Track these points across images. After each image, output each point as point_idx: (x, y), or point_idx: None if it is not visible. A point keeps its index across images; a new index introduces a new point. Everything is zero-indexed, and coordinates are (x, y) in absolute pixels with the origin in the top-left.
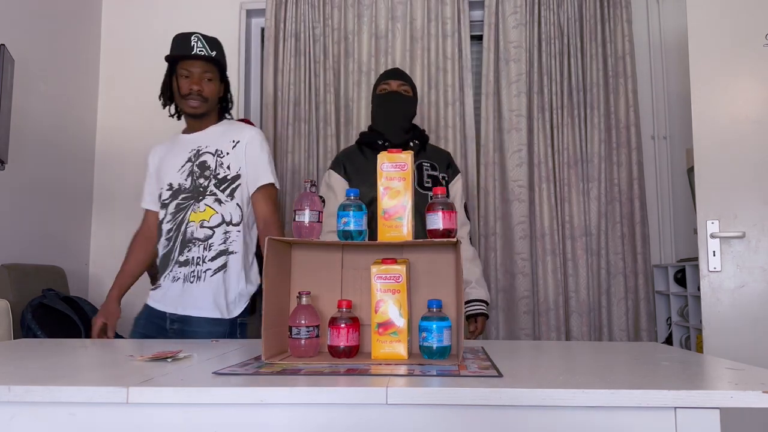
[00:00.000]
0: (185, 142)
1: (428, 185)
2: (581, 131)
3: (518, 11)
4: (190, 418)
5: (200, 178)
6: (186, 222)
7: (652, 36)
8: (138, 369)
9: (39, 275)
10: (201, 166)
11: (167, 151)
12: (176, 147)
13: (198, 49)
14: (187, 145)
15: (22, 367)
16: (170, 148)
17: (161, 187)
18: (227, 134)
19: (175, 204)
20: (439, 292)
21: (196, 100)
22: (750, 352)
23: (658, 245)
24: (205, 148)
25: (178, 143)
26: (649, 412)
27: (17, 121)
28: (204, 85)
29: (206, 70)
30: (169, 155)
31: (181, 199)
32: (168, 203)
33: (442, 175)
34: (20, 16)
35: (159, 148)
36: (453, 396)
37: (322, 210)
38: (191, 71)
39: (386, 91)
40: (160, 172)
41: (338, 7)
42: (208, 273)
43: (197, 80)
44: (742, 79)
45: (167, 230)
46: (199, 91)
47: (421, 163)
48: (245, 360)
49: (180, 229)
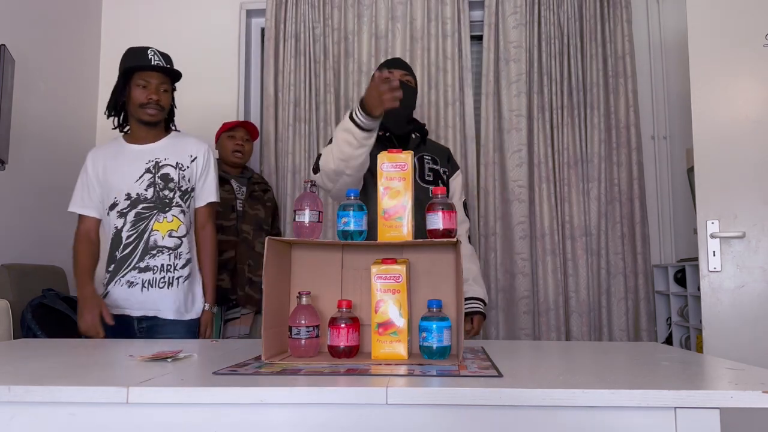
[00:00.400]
0: (137, 153)
1: (429, 179)
2: (581, 131)
3: (518, 11)
4: (190, 418)
5: (165, 189)
6: (149, 231)
7: (652, 36)
8: (138, 369)
9: (39, 275)
10: (164, 178)
11: (112, 159)
12: (125, 156)
13: (156, 61)
14: (141, 156)
15: (22, 367)
16: (115, 155)
17: (114, 196)
18: (182, 147)
19: (134, 213)
20: (439, 292)
21: (154, 109)
22: (750, 352)
23: (658, 245)
24: (165, 160)
25: (128, 152)
26: (649, 412)
27: (17, 121)
28: (161, 95)
29: (162, 81)
30: (117, 163)
31: (141, 209)
32: (126, 212)
33: (443, 170)
34: (20, 16)
35: (99, 153)
36: (453, 396)
37: (322, 210)
38: (149, 81)
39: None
40: (107, 180)
41: (338, 7)
42: (181, 279)
43: (155, 90)
44: (742, 79)
45: (127, 237)
46: (157, 101)
47: (422, 156)
48: (245, 360)
49: (142, 237)
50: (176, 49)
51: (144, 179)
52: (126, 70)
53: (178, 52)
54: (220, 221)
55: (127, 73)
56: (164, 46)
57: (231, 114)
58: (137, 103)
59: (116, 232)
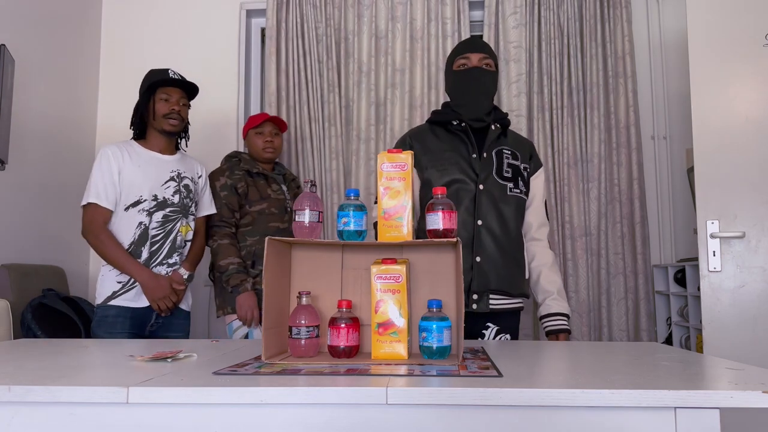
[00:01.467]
0: (160, 160)
1: (508, 175)
2: (581, 131)
3: (518, 11)
4: (190, 418)
5: (186, 198)
6: (176, 231)
7: (652, 36)
8: (138, 369)
9: (39, 275)
10: (186, 189)
11: (133, 160)
12: (147, 160)
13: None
14: (164, 164)
15: (22, 367)
16: (137, 157)
17: (139, 194)
18: (191, 165)
19: (162, 214)
20: (439, 292)
21: (176, 119)
22: (750, 352)
23: (658, 245)
24: (184, 173)
25: (150, 157)
26: (649, 412)
27: (17, 121)
28: (181, 107)
29: (182, 96)
30: (140, 165)
31: (168, 212)
32: (153, 212)
33: (524, 166)
34: (20, 16)
35: (117, 153)
36: (453, 396)
37: (322, 210)
38: (171, 95)
39: (466, 66)
40: (129, 179)
41: (338, 7)
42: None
43: (176, 102)
44: (742, 79)
45: (153, 235)
46: (178, 111)
47: (501, 150)
48: (245, 360)
49: (169, 236)
50: (176, 49)
51: (170, 185)
52: (150, 85)
53: (178, 52)
54: (276, 223)
55: (150, 89)
56: (164, 46)
57: (231, 114)
58: (161, 114)
59: (144, 229)
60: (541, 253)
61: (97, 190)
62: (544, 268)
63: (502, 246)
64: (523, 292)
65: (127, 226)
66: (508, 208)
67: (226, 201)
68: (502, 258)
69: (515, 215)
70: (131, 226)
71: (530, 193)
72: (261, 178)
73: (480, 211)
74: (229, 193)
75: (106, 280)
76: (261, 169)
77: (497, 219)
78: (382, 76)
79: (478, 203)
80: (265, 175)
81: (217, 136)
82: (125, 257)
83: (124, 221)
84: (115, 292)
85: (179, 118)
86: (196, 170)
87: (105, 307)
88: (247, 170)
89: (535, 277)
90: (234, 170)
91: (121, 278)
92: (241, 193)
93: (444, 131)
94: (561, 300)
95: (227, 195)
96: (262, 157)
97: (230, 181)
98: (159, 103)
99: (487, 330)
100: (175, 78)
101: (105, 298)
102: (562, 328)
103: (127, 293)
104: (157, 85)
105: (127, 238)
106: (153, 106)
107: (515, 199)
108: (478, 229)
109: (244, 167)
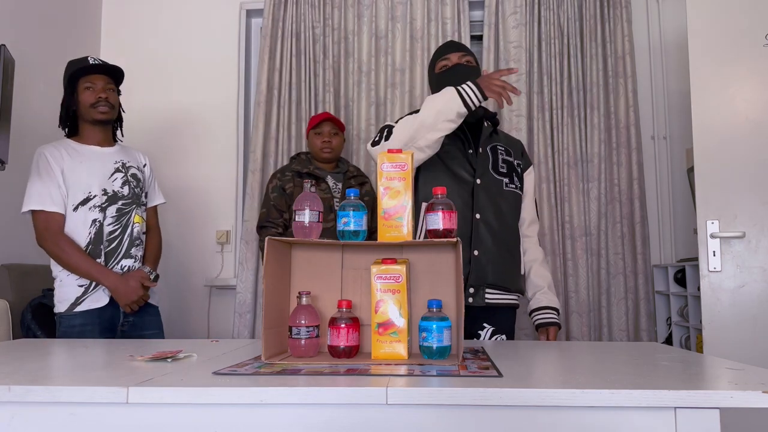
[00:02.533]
0: (101, 153)
1: (503, 171)
2: (581, 131)
3: (518, 11)
4: (190, 418)
5: (137, 188)
6: (132, 224)
7: (652, 36)
8: (138, 369)
9: (39, 275)
10: (134, 178)
11: (73, 157)
12: (88, 155)
13: (95, 62)
14: (105, 157)
15: (22, 367)
16: (76, 154)
17: (87, 192)
18: (133, 155)
19: (115, 208)
20: (439, 292)
21: (105, 106)
22: (750, 352)
23: (658, 245)
24: (129, 162)
25: (89, 152)
26: (649, 412)
27: (17, 121)
28: (108, 93)
29: (107, 82)
30: (81, 161)
31: (121, 204)
32: (106, 207)
33: (517, 162)
34: (20, 16)
35: (54, 152)
36: (453, 396)
37: (322, 210)
38: (94, 83)
39: (447, 67)
40: (73, 177)
41: (338, 7)
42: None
43: (101, 89)
44: (742, 79)
45: (110, 231)
46: (106, 98)
47: (496, 146)
48: (245, 360)
49: (126, 230)
50: (176, 49)
51: (117, 178)
52: (70, 77)
53: (178, 51)
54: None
55: (71, 81)
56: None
57: (230, 113)
58: (87, 104)
59: (99, 227)
60: (532, 249)
61: (40, 195)
62: (534, 264)
63: (500, 240)
64: (519, 288)
65: (79, 227)
66: (506, 202)
67: (274, 202)
68: (500, 252)
69: (512, 210)
70: (84, 225)
71: (523, 189)
72: (309, 178)
73: (478, 205)
74: (278, 194)
75: (65, 285)
76: (312, 169)
77: (495, 213)
78: (382, 76)
79: (476, 197)
80: (314, 176)
81: (216, 136)
82: (89, 263)
83: (75, 221)
84: (79, 298)
85: (108, 104)
86: (140, 159)
87: (70, 316)
88: (297, 171)
89: (526, 272)
90: (285, 171)
91: (82, 281)
92: (289, 193)
93: None
94: (551, 294)
95: (276, 196)
96: (321, 157)
97: (280, 182)
98: (83, 93)
99: (483, 331)
100: (96, 63)
101: (69, 306)
102: (551, 321)
103: (92, 295)
104: (79, 75)
105: (82, 238)
106: (77, 98)
107: (512, 194)
108: (476, 223)
109: (295, 167)
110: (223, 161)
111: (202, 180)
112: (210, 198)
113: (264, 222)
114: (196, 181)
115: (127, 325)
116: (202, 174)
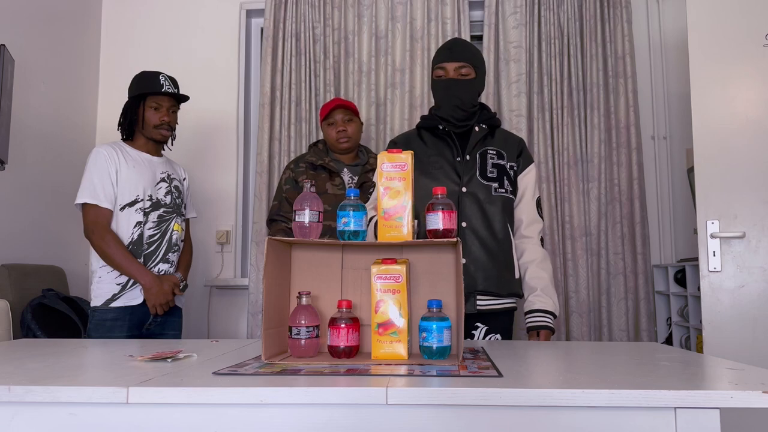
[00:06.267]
0: (151, 162)
1: (492, 175)
2: (581, 131)
3: (518, 11)
4: (190, 418)
5: (177, 198)
6: (171, 230)
7: (652, 36)
8: (138, 369)
9: (39, 275)
10: (177, 190)
11: (127, 160)
12: (140, 161)
13: (167, 87)
14: (155, 166)
15: (22, 367)
16: (129, 158)
17: (136, 194)
18: (176, 169)
19: (157, 214)
20: (439, 292)
21: (167, 130)
22: (750, 352)
23: (658, 245)
24: (173, 174)
25: (142, 159)
26: (649, 412)
27: (17, 121)
28: (171, 116)
29: (172, 104)
30: (134, 165)
31: (163, 212)
32: (149, 212)
33: (510, 165)
34: (20, 16)
35: (111, 152)
36: (453, 396)
37: (322, 210)
38: (161, 104)
39: (442, 78)
40: (126, 178)
41: (338, 7)
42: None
43: (166, 112)
44: (742, 79)
45: (149, 234)
46: (169, 122)
47: (486, 151)
48: (245, 360)
49: (165, 236)
50: (176, 49)
51: (162, 187)
52: (141, 93)
53: (178, 51)
54: (328, 222)
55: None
56: (164, 46)
57: (230, 114)
58: (152, 124)
59: (141, 229)
60: (529, 251)
61: (95, 190)
62: (531, 265)
63: (488, 247)
64: (514, 292)
65: (124, 226)
66: (494, 208)
67: (287, 195)
68: (489, 259)
69: (501, 215)
70: (128, 225)
71: (519, 190)
72: (323, 171)
73: (464, 213)
74: (291, 186)
75: (104, 282)
76: (328, 161)
77: (482, 220)
78: (382, 76)
79: (462, 206)
80: (328, 169)
81: (216, 136)
82: (130, 260)
83: (121, 221)
84: (115, 295)
85: (169, 128)
86: (181, 173)
87: (104, 310)
88: (311, 162)
89: (522, 274)
90: (299, 162)
91: (120, 279)
92: (301, 186)
93: (431, 136)
94: (544, 297)
95: (289, 189)
96: (338, 148)
97: (293, 174)
98: (149, 111)
99: (476, 330)
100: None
101: (104, 301)
102: (541, 325)
103: (127, 293)
104: (149, 94)
105: (125, 238)
106: (143, 113)
107: (501, 199)
108: (462, 231)
109: (310, 159)
110: (223, 161)
111: (202, 180)
112: (210, 198)
113: (275, 215)
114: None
115: (153, 324)
116: (202, 174)
